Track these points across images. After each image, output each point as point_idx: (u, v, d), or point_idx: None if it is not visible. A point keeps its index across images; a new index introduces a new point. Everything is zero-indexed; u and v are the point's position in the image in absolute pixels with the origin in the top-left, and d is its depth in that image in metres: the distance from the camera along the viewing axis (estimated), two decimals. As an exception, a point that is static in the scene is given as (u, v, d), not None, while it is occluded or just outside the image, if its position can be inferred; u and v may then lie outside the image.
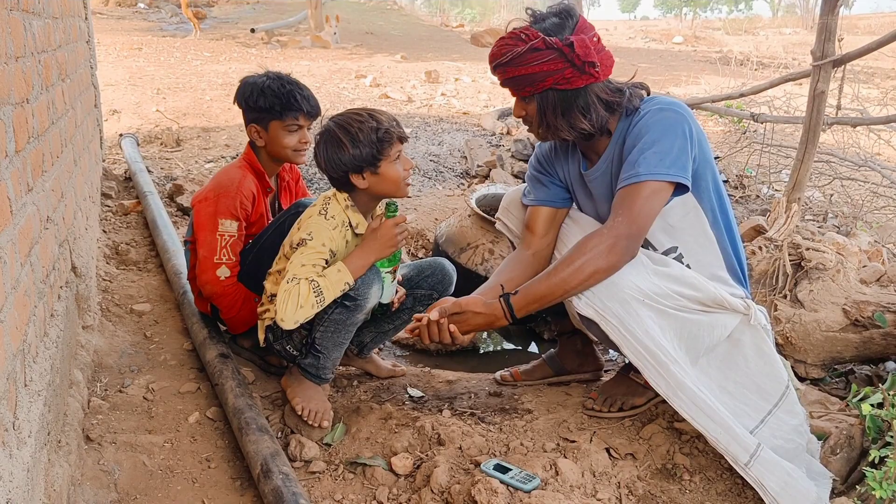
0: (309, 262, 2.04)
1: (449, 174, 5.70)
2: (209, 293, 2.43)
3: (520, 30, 1.93)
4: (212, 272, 2.39)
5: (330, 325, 2.12)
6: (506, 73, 1.95)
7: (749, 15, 52.50)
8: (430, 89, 9.41)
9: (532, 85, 1.92)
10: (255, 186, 2.46)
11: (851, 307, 2.46)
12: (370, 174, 2.11)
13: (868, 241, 3.51)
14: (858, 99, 5.95)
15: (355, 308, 2.10)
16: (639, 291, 1.85)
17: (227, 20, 18.83)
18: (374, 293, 2.12)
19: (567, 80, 1.89)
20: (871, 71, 12.11)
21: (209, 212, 2.39)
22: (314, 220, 2.12)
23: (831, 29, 2.96)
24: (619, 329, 1.86)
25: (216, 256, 2.38)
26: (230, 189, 2.39)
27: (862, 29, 23.22)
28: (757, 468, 1.79)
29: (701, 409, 1.83)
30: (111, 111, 6.97)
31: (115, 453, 1.97)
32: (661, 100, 1.99)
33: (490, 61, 1.98)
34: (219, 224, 2.38)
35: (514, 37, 1.92)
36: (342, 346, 2.19)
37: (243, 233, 2.44)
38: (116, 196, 4.38)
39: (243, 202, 2.40)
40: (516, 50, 1.89)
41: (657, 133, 1.90)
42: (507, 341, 3.47)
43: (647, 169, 1.86)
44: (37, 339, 1.67)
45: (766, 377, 1.98)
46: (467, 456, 2.00)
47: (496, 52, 1.95)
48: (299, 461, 2.01)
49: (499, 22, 33.65)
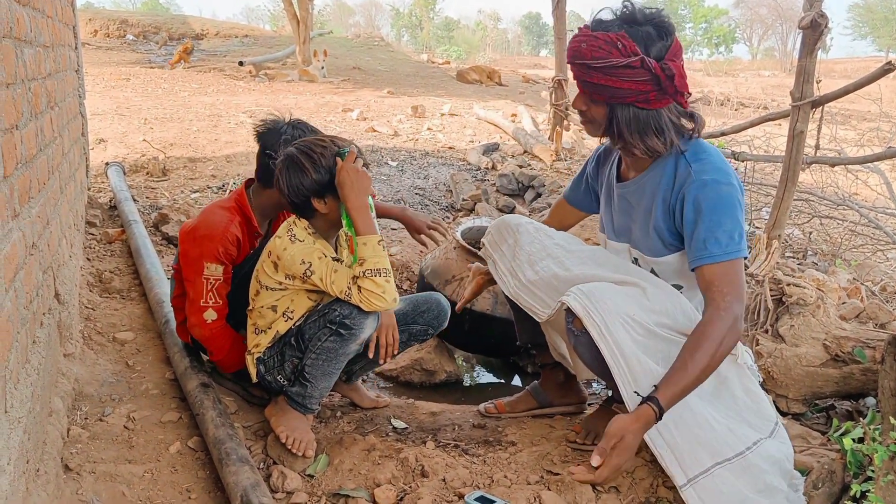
0: (331, 270, 2.07)
1: (434, 207, 5.73)
2: (198, 336, 2.41)
3: (617, 36, 1.83)
4: (199, 315, 2.38)
5: (322, 353, 2.11)
6: (589, 76, 1.88)
7: (729, 57, 53.63)
8: (416, 124, 9.50)
9: (613, 97, 1.88)
10: (242, 230, 2.41)
11: (832, 342, 2.49)
12: (332, 199, 2.12)
13: (847, 279, 3.56)
14: (836, 140, 6.08)
15: (350, 337, 2.09)
16: (628, 318, 1.87)
17: (215, 53, 18.95)
18: (370, 324, 2.11)
19: (649, 101, 1.88)
20: (848, 113, 12.36)
21: (195, 254, 2.37)
22: (291, 250, 2.12)
23: (809, 71, 3.03)
24: (601, 327, 1.85)
25: (202, 300, 2.37)
26: (214, 234, 2.35)
27: (838, 72, 23.77)
28: (690, 492, 1.80)
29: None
30: (98, 140, 6.96)
31: (95, 483, 1.94)
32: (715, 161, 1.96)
33: (573, 56, 1.89)
34: (204, 267, 2.35)
35: (610, 43, 1.83)
36: (331, 377, 2.17)
37: (230, 276, 2.41)
38: (101, 224, 4.36)
39: (227, 248, 2.36)
40: (611, 60, 1.83)
41: (729, 209, 1.89)
42: (490, 374, 3.47)
43: (735, 247, 1.87)
44: (18, 365, 1.65)
45: (753, 414, 1.98)
46: (451, 488, 1.99)
47: (586, 51, 1.86)
48: (281, 492, 1.99)
49: (484, 59, 34.15)
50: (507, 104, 11.81)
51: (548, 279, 2.12)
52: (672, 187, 1.97)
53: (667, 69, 1.84)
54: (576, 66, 1.91)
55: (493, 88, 16.18)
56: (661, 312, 1.92)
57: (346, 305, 2.07)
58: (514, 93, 14.74)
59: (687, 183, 1.93)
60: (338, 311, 2.08)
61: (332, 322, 2.08)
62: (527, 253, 2.19)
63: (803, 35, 2.95)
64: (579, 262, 2.12)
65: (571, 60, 1.91)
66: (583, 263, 2.11)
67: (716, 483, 1.80)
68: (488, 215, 5.03)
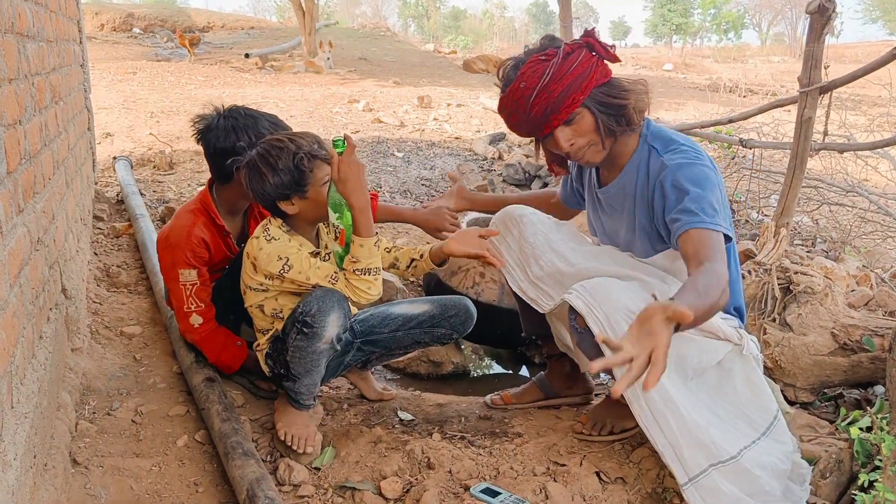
0: (308, 261, 2.04)
1: (441, 198, 5.71)
2: (190, 341, 2.44)
3: (538, 53, 1.92)
4: (186, 321, 2.40)
5: (294, 351, 2.07)
6: (551, 95, 1.89)
7: (738, 43, 53.25)
8: (422, 114, 9.47)
9: (579, 90, 1.89)
10: (207, 230, 2.40)
11: (840, 331, 2.48)
12: (299, 199, 2.08)
13: (856, 266, 3.53)
14: (846, 126, 6.02)
15: (313, 336, 2.02)
16: (632, 314, 1.86)
17: (222, 45, 18.96)
18: (333, 321, 2.02)
19: (602, 73, 1.91)
20: (859, 98, 12.25)
21: (168, 262, 2.38)
22: (267, 249, 2.08)
23: (817, 56, 3.00)
24: (603, 322, 1.84)
25: (185, 306, 2.38)
26: (180, 240, 2.35)
27: (849, 57, 23.53)
28: (691, 492, 1.80)
29: (655, 420, 1.83)
30: (105, 134, 6.98)
31: (102, 477, 1.96)
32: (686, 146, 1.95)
33: (524, 92, 1.90)
34: (179, 274, 2.36)
35: (537, 61, 1.91)
36: (313, 374, 2.12)
37: (206, 277, 2.41)
38: (108, 218, 4.37)
39: (195, 250, 2.36)
40: (554, 63, 1.88)
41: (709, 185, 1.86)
42: (497, 365, 3.47)
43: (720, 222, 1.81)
44: (24, 360, 1.66)
45: (754, 408, 1.98)
46: (457, 480, 1.99)
47: (532, 79, 1.90)
48: (288, 485, 1.99)
49: (491, 49, 34.02)
50: (514, 93, 11.73)
51: (552, 273, 2.12)
52: (647, 183, 1.98)
53: (582, 36, 1.90)
54: (536, 100, 1.90)
55: (500, 78, 16.09)
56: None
57: (309, 303, 2.01)
58: (520, 82, 14.64)
59: (661, 173, 1.94)
60: (300, 308, 2.03)
61: (297, 320, 2.03)
62: (531, 245, 2.19)
63: (811, 20, 2.92)
64: (582, 256, 2.13)
65: (529, 103, 1.91)
66: (586, 257, 2.11)
67: (715, 483, 1.81)
68: (495, 205, 5.01)
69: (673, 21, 51.42)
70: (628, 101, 1.94)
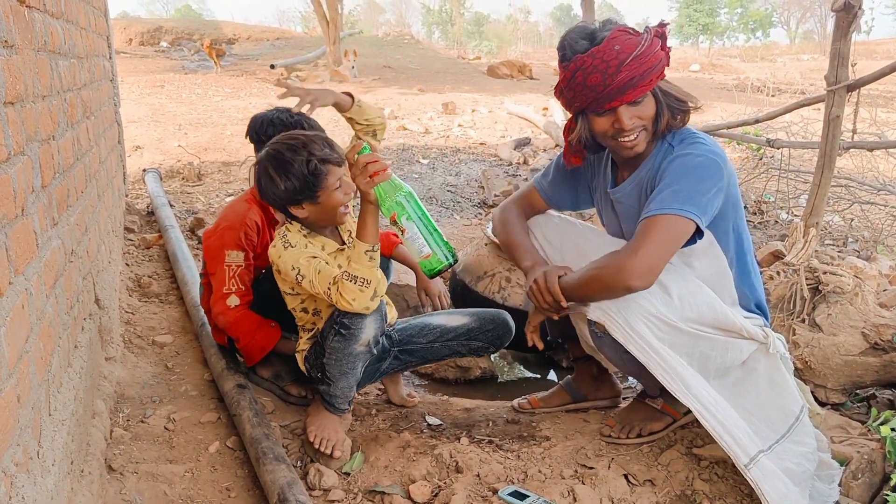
0: (315, 271, 2.02)
1: (466, 204, 5.73)
2: (223, 324, 2.45)
3: (619, 28, 1.86)
4: (222, 302, 2.44)
5: (332, 353, 2.10)
6: (641, 66, 1.82)
7: (766, 42, 52.59)
8: (447, 120, 9.51)
9: (656, 73, 1.86)
10: (260, 218, 2.50)
11: (870, 331, 2.44)
12: (309, 204, 2.08)
13: (889, 265, 3.48)
14: (877, 123, 5.93)
15: (350, 337, 2.04)
16: (651, 316, 1.86)
17: (248, 57, 19.20)
18: (370, 323, 2.04)
19: (663, 68, 1.89)
20: (891, 95, 12.06)
21: (216, 245, 2.45)
22: (284, 257, 2.08)
23: (844, 54, 2.97)
24: (624, 328, 1.85)
25: (225, 287, 2.43)
26: (235, 222, 2.45)
27: (881, 54, 23.16)
28: (755, 471, 1.79)
29: (706, 407, 1.83)
30: (134, 147, 7.11)
31: (137, 483, 1.99)
32: (700, 139, 1.95)
33: (619, 55, 1.82)
34: (225, 255, 2.43)
35: (625, 32, 1.84)
36: (349, 377, 2.15)
37: (251, 263, 2.48)
38: (139, 230, 4.46)
39: (248, 233, 2.45)
40: (645, 39, 1.84)
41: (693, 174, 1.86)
42: (525, 369, 3.47)
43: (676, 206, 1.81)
44: (61, 369, 1.70)
45: (775, 409, 1.98)
46: (485, 483, 2.00)
47: (627, 46, 1.81)
48: (318, 490, 2.02)
49: (515, 54, 34.00)
50: (538, 98, 11.75)
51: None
52: (655, 176, 1.96)
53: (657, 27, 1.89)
54: (623, 69, 1.82)
55: (525, 82, 16.13)
56: (686, 307, 1.90)
57: None
58: (545, 86, 14.64)
59: (664, 161, 1.93)
60: (338, 310, 2.05)
61: (335, 322, 2.06)
62: (557, 249, 2.19)
63: (836, 18, 2.89)
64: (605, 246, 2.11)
65: (615, 71, 1.82)
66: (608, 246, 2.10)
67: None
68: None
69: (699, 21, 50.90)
70: (688, 100, 1.96)
